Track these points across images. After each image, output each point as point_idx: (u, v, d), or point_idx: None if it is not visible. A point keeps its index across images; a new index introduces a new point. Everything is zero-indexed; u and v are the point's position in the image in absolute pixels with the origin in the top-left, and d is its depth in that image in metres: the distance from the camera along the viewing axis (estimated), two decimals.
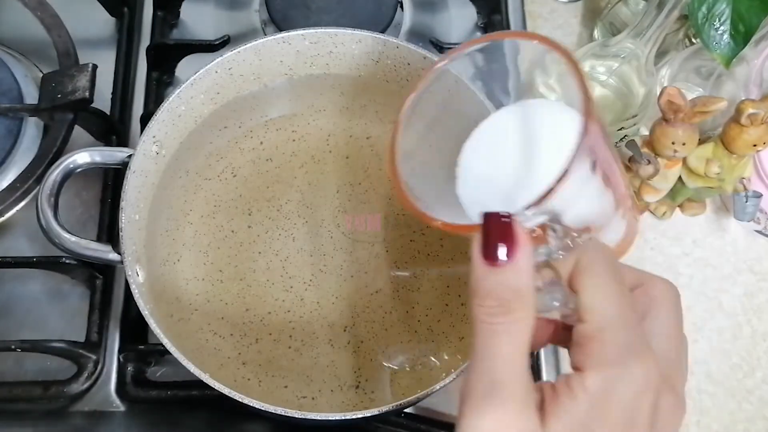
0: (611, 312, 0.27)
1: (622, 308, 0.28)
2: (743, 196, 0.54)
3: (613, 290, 0.28)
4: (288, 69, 0.51)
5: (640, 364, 0.26)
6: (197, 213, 0.51)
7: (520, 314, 0.26)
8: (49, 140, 0.53)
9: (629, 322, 0.27)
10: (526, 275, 0.26)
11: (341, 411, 0.41)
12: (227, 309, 0.48)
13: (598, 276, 0.28)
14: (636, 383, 0.26)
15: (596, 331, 0.27)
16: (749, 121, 0.50)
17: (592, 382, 0.26)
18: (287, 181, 0.52)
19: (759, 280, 0.59)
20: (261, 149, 0.53)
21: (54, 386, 0.51)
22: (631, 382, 0.26)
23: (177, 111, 0.48)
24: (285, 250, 0.50)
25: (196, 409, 0.52)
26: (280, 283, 0.49)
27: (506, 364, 0.26)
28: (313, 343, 0.47)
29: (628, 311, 0.28)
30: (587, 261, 0.29)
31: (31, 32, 0.58)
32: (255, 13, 0.64)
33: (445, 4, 0.66)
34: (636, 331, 0.27)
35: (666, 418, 0.28)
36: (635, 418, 0.27)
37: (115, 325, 0.53)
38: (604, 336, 0.27)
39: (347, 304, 0.48)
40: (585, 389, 0.26)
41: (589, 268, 0.29)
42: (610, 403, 0.26)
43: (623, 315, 0.27)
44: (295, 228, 0.50)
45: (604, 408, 0.26)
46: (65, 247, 0.44)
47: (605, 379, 0.26)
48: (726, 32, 0.51)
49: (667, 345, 0.30)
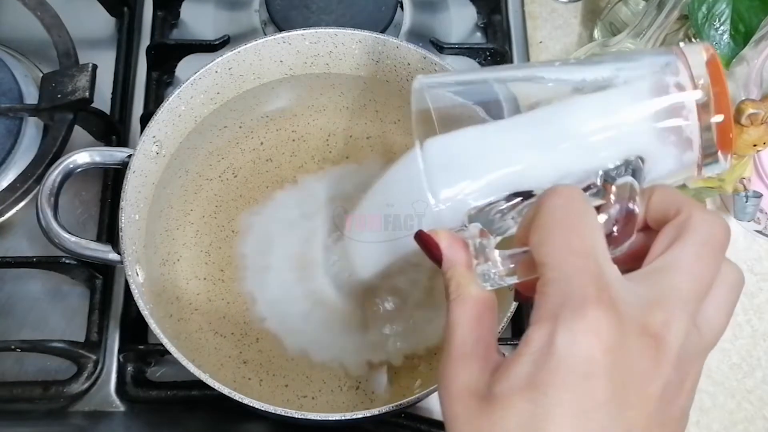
0: (561, 263, 0.26)
1: (577, 257, 0.26)
2: (743, 196, 0.54)
3: (562, 243, 0.27)
4: (288, 69, 0.51)
5: (581, 317, 0.25)
6: (198, 213, 0.51)
7: (454, 294, 0.30)
8: (49, 140, 0.53)
9: (585, 272, 0.26)
10: (456, 266, 0.31)
11: (341, 411, 0.41)
12: (228, 308, 0.48)
13: (547, 229, 0.27)
14: (576, 337, 0.25)
15: (542, 285, 0.27)
16: (749, 121, 0.50)
17: (530, 338, 0.26)
18: (287, 181, 0.52)
19: (759, 281, 0.59)
20: (261, 149, 0.53)
21: (54, 386, 0.51)
22: (570, 336, 0.25)
23: (177, 111, 0.48)
24: (286, 250, 0.50)
25: (196, 409, 0.52)
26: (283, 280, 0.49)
27: (450, 332, 0.29)
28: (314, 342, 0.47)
29: (580, 260, 0.26)
30: (537, 219, 0.28)
31: (31, 32, 0.58)
32: (255, 13, 0.64)
33: (446, 4, 0.66)
34: (594, 280, 0.26)
35: (641, 366, 0.25)
36: (591, 372, 0.24)
37: (114, 325, 0.53)
38: (547, 289, 0.26)
39: (348, 303, 0.48)
40: (527, 346, 0.26)
41: (538, 224, 0.28)
42: (552, 358, 0.25)
43: (577, 265, 0.26)
44: (296, 228, 0.50)
45: (546, 364, 0.25)
46: (65, 247, 0.44)
47: (543, 334, 0.25)
48: (726, 32, 0.51)
49: (671, 281, 0.27)
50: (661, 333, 0.26)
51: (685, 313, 0.26)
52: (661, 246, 0.28)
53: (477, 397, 0.27)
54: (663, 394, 0.26)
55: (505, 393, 0.26)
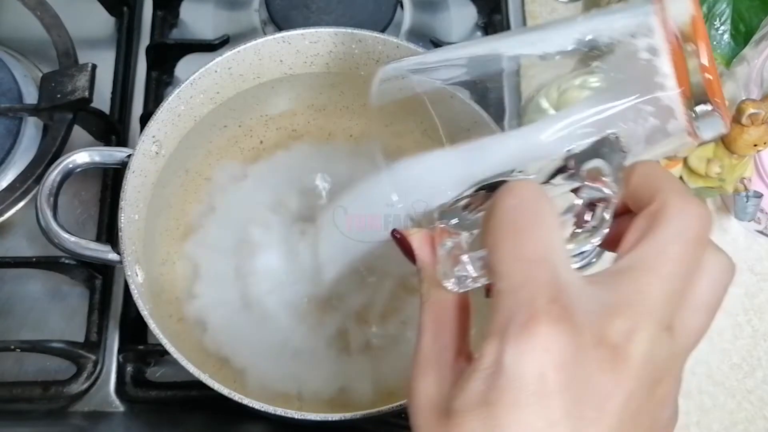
0: (510, 272, 0.25)
1: (528, 266, 0.24)
2: (744, 196, 0.54)
3: (518, 245, 0.25)
4: (288, 68, 0.51)
5: (533, 331, 0.23)
6: (198, 213, 0.51)
7: (423, 299, 0.29)
8: (48, 140, 0.53)
9: (534, 282, 0.24)
10: (424, 265, 0.30)
11: (341, 411, 0.41)
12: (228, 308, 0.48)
13: (500, 230, 0.26)
14: (528, 352, 0.23)
15: (494, 295, 0.25)
16: (750, 121, 0.50)
17: (485, 352, 0.24)
18: (287, 180, 0.52)
19: (759, 281, 0.59)
20: (261, 149, 0.53)
21: (53, 386, 0.51)
22: (521, 351, 0.23)
23: (176, 110, 0.48)
24: (285, 250, 0.49)
25: (196, 409, 0.52)
26: (280, 282, 0.49)
27: (420, 336, 0.29)
28: (315, 342, 0.47)
29: (531, 268, 0.24)
30: (491, 213, 0.26)
31: (31, 32, 0.58)
32: (255, 13, 0.63)
33: (446, 3, 0.66)
34: (544, 291, 0.24)
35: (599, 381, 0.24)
36: (543, 390, 0.23)
37: (114, 326, 0.53)
38: (497, 300, 0.25)
39: (349, 303, 0.48)
40: (480, 360, 0.24)
41: (492, 222, 0.26)
42: (502, 376, 0.23)
43: (527, 275, 0.24)
44: (296, 228, 0.50)
45: (497, 382, 0.23)
46: (65, 247, 0.44)
47: (492, 351, 0.24)
48: (726, 32, 0.51)
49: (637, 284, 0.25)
50: (621, 344, 0.24)
51: (650, 320, 0.24)
52: (631, 240, 0.26)
53: (438, 411, 0.26)
54: (625, 408, 0.24)
55: (461, 410, 0.24)
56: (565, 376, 0.23)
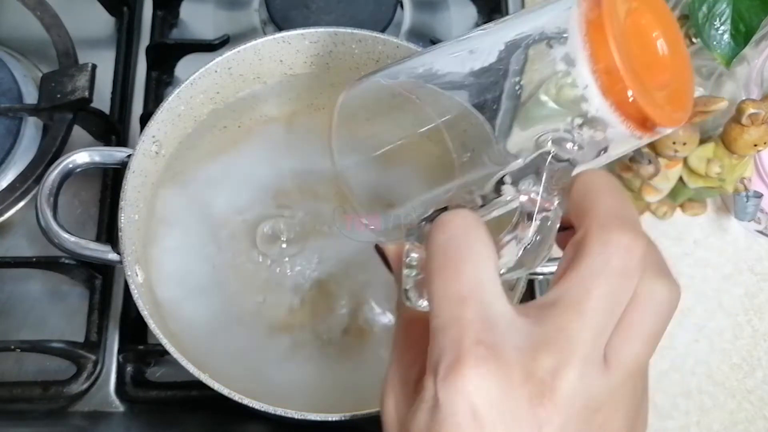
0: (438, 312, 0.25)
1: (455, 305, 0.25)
2: (744, 196, 0.54)
3: (446, 284, 0.25)
4: (288, 68, 0.51)
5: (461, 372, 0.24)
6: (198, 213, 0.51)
7: (396, 313, 0.31)
8: (48, 140, 0.53)
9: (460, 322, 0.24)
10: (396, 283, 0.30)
11: (341, 411, 0.41)
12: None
13: (431, 269, 0.26)
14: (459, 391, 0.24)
15: (431, 333, 0.26)
16: (750, 121, 0.50)
17: (425, 387, 0.25)
18: (288, 181, 0.52)
19: (759, 281, 0.59)
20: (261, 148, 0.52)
21: (53, 386, 0.51)
22: (452, 391, 0.24)
23: (176, 111, 0.48)
24: (286, 250, 0.49)
25: (196, 409, 0.52)
26: (281, 281, 0.49)
27: (391, 350, 0.29)
28: (315, 342, 0.47)
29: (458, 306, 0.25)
30: (427, 247, 0.27)
31: (31, 32, 0.58)
32: (255, 13, 0.63)
33: (446, 3, 0.66)
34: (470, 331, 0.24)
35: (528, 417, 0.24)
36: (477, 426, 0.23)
37: (114, 326, 0.53)
38: (432, 339, 0.25)
39: (349, 303, 0.48)
40: (422, 394, 0.25)
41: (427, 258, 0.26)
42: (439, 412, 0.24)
43: (453, 314, 0.25)
44: (296, 227, 0.50)
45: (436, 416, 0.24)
46: (64, 247, 0.44)
47: (430, 386, 0.24)
48: (726, 32, 0.51)
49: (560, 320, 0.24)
50: (547, 380, 0.24)
51: (575, 357, 0.24)
52: (559, 270, 0.26)
53: (401, 429, 0.27)
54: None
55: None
56: (497, 412, 0.23)
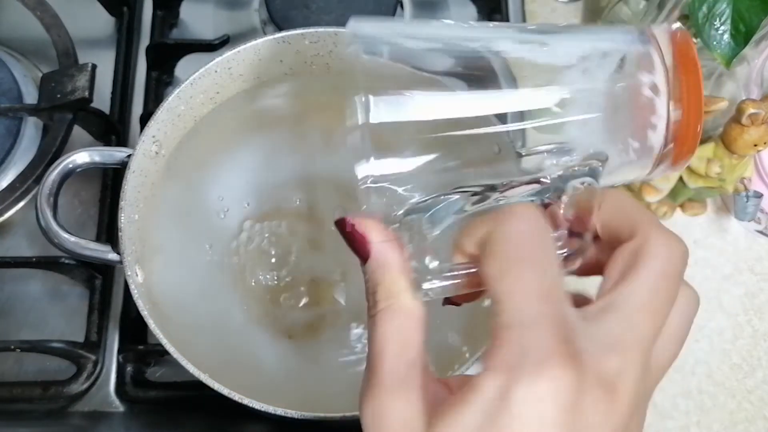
0: (521, 307, 0.24)
1: (540, 303, 0.23)
2: (744, 196, 0.54)
3: (531, 278, 0.24)
4: (288, 68, 0.51)
5: (547, 373, 0.22)
6: (198, 213, 0.51)
7: (382, 304, 0.26)
8: (48, 140, 0.53)
9: (546, 321, 0.23)
10: (386, 267, 0.26)
11: (341, 411, 0.41)
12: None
13: (508, 259, 0.24)
14: (537, 395, 0.22)
15: (502, 328, 0.23)
16: (750, 120, 0.50)
17: (487, 385, 0.23)
18: (288, 181, 0.52)
19: (760, 281, 0.59)
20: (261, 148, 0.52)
21: (53, 386, 0.51)
22: (532, 392, 0.22)
23: (176, 111, 0.48)
24: (286, 250, 0.50)
25: (196, 409, 0.52)
26: (281, 281, 0.49)
27: (377, 352, 0.25)
28: (314, 342, 0.47)
29: (548, 307, 0.23)
30: (496, 238, 0.24)
31: (31, 32, 0.58)
32: (255, 13, 0.63)
33: (446, 3, 0.66)
34: (555, 330, 0.23)
35: (594, 421, 0.23)
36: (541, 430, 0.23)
37: (114, 326, 0.53)
38: (510, 335, 0.23)
39: (349, 303, 0.48)
40: (479, 393, 0.23)
41: (498, 247, 0.24)
42: (506, 414, 0.22)
43: (540, 312, 0.23)
44: (296, 228, 0.50)
45: (499, 419, 0.22)
46: (64, 247, 0.44)
47: (497, 385, 0.23)
48: (726, 32, 0.51)
49: (628, 321, 0.24)
50: (615, 383, 0.24)
51: (640, 357, 0.24)
52: (615, 274, 0.26)
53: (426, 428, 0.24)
54: None
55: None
56: (566, 419, 0.23)
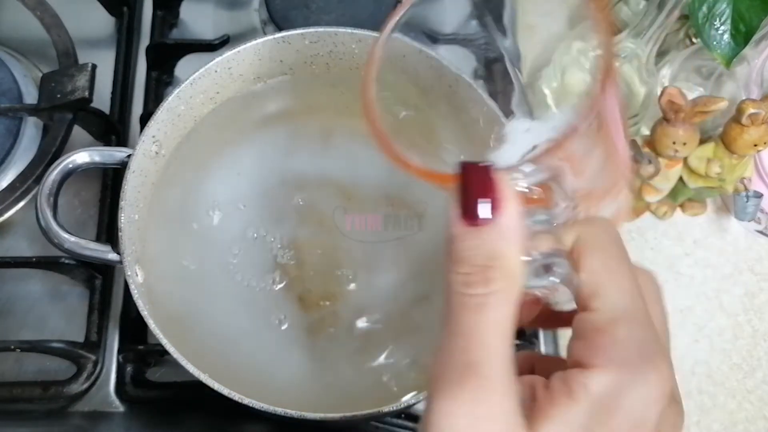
0: (625, 302, 0.23)
1: (635, 298, 0.23)
2: (744, 196, 0.54)
3: (627, 275, 0.24)
4: (288, 68, 0.51)
5: (655, 369, 0.22)
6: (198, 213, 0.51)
7: (500, 284, 0.22)
8: (48, 140, 0.53)
9: (644, 316, 0.23)
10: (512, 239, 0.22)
11: (341, 411, 0.41)
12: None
13: (609, 257, 0.24)
14: (649, 391, 0.22)
15: (607, 323, 0.23)
16: (750, 120, 0.50)
17: (598, 383, 0.22)
18: (288, 181, 0.52)
19: (759, 280, 0.59)
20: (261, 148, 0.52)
21: (53, 386, 0.51)
22: (643, 389, 0.22)
23: (176, 111, 0.48)
24: (286, 250, 0.49)
25: (196, 409, 0.52)
26: (281, 281, 0.49)
27: (482, 344, 0.22)
28: (316, 341, 0.47)
29: (641, 302, 0.23)
30: (595, 237, 0.24)
31: (31, 32, 0.58)
32: (255, 13, 0.63)
33: None
34: (651, 327, 0.23)
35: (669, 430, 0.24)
36: (641, 430, 0.23)
37: (114, 326, 0.53)
38: (618, 330, 0.23)
39: (349, 303, 0.48)
40: (588, 391, 0.22)
41: (599, 245, 0.24)
42: (617, 410, 0.22)
43: (638, 306, 0.23)
44: (296, 228, 0.50)
45: (608, 415, 0.22)
46: (64, 248, 0.44)
47: (614, 382, 0.22)
48: (726, 32, 0.51)
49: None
50: (678, 397, 0.24)
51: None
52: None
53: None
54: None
55: None
56: (663, 412, 0.23)
